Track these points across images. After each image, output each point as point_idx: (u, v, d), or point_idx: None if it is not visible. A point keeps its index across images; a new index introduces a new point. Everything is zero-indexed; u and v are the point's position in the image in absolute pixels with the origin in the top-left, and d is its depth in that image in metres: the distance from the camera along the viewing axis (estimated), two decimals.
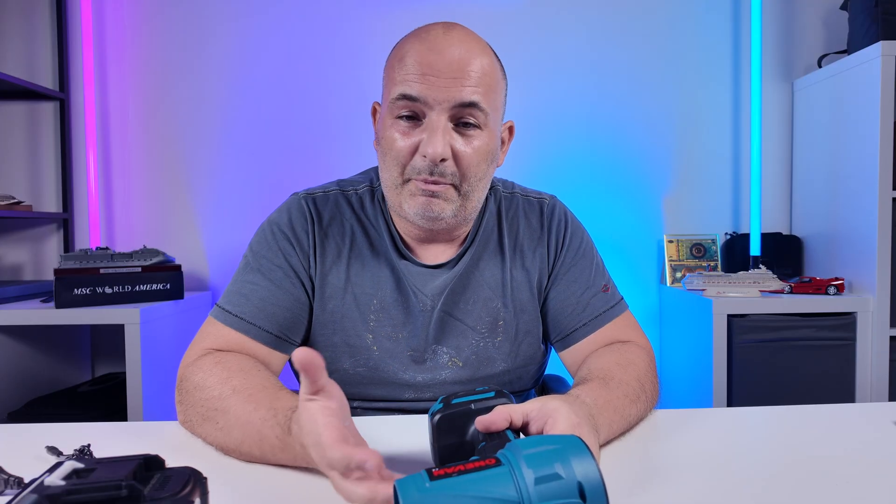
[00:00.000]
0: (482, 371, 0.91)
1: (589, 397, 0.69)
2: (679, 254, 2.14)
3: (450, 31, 0.82)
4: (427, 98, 0.79)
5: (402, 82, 0.80)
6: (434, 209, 0.83)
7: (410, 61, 0.80)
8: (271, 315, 0.85)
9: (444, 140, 0.79)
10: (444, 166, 0.81)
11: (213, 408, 0.70)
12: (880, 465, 0.65)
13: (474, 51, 0.81)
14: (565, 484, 0.43)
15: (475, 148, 0.82)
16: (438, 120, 0.79)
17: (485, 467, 0.45)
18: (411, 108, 0.81)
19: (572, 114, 2.17)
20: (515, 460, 0.44)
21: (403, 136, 0.81)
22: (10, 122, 2.12)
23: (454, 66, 0.79)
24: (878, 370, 1.78)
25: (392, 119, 0.82)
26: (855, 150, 1.85)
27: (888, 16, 1.79)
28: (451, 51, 0.79)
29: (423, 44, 0.81)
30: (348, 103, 2.13)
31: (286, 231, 0.90)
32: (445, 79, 0.79)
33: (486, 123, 0.83)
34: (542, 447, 0.45)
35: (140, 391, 1.65)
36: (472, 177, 0.83)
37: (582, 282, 0.94)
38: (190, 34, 2.12)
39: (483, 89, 0.81)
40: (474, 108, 0.80)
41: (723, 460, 0.67)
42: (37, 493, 0.41)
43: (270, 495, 0.59)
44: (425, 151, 0.79)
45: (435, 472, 0.44)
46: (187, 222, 2.15)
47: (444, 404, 0.60)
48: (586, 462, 0.44)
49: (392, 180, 0.84)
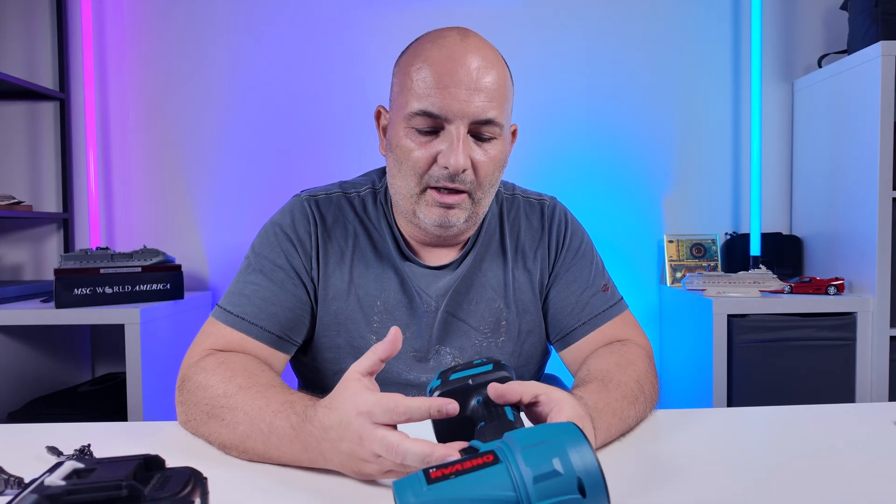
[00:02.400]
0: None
1: (590, 400, 0.69)
2: (679, 254, 2.14)
3: (466, 39, 0.82)
4: (447, 113, 0.79)
5: (422, 96, 0.80)
6: (451, 219, 0.84)
7: (427, 73, 0.80)
8: (273, 315, 0.85)
9: (465, 153, 0.80)
10: (463, 176, 0.81)
11: (220, 405, 0.70)
12: (880, 465, 0.65)
13: (490, 61, 0.82)
14: (564, 480, 0.43)
15: (491, 157, 0.83)
16: (458, 132, 0.80)
17: (482, 465, 0.44)
18: (431, 125, 0.81)
19: (572, 114, 2.17)
20: (513, 457, 0.44)
21: (421, 146, 0.81)
22: (10, 122, 2.12)
23: (472, 77, 0.79)
24: (878, 370, 1.78)
25: (407, 128, 0.82)
26: (855, 150, 1.85)
27: (888, 16, 1.79)
28: (468, 60, 0.80)
29: (440, 51, 0.80)
30: (349, 104, 2.13)
31: (289, 232, 0.90)
32: (464, 90, 0.79)
33: (501, 134, 0.84)
34: (540, 441, 0.45)
35: (140, 391, 1.65)
36: (487, 184, 0.85)
37: (581, 281, 0.95)
38: (190, 34, 2.12)
39: (498, 102, 0.81)
40: (492, 124, 0.81)
41: (723, 460, 0.67)
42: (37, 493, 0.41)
43: (270, 495, 0.59)
44: (447, 163, 0.80)
45: (432, 473, 0.44)
46: (187, 222, 2.15)
47: (441, 380, 0.60)
48: (584, 453, 0.44)
49: (409, 189, 0.84)
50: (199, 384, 0.74)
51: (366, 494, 0.58)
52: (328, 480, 0.61)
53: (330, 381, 0.91)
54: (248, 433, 0.66)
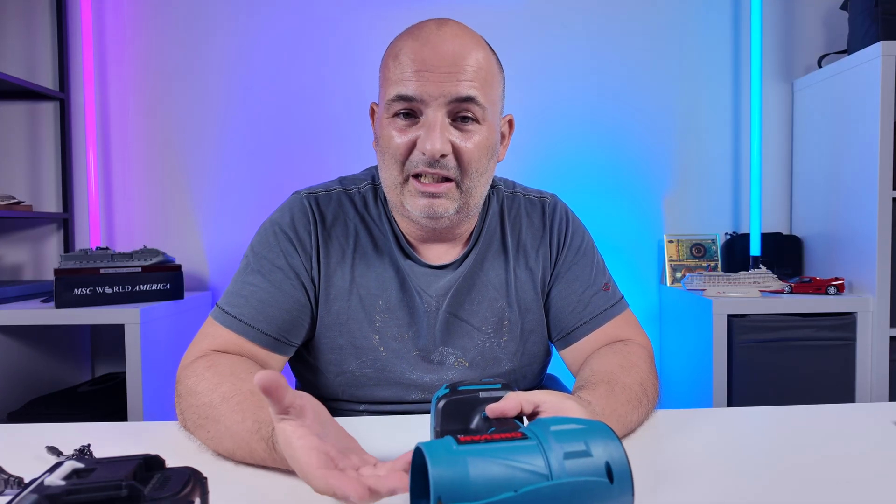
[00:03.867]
0: (489, 371, 0.91)
1: (598, 405, 0.68)
2: (679, 254, 2.14)
3: (443, 27, 0.81)
4: (423, 95, 0.78)
5: (398, 82, 0.80)
6: (437, 209, 0.82)
7: (405, 59, 0.80)
8: (270, 317, 0.84)
9: (442, 136, 0.79)
10: (444, 161, 0.80)
11: (204, 416, 0.69)
12: (880, 465, 0.65)
13: (468, 45, 0.81)
14: (594, 462, 0.42)
15: (475, 143, 0.81)
16: (436, 116, 0.79)
17: (512, 439, 0.44)
18: (408, 108, 0.80)
19: (572, 114, 2.16)
20: (544, 435, 0.44)
21: (400, 133, 0.81)
22: (10, 122, 2.12)
23: (448, 61, 0.78)
24: (878, 370, 1.78)
25: (389, 118, 0.82)
26: (855, 150, 1.85)
27: (888, 16, 1.79)
28: (444, 46, 0.79)
29: (416, 41, 0.80)
30: (347, 103, 2.13)
31: (288, 232, 0.89)
32: (440, 73, 0.78)
33: (485, 118, 0.82)
34: (570, 425, 0.45)
35: (140, 391, 1.65)
36: (474, 172, 0.83)
37: (583, 280, 0.94)
38: (190, 34, 2.12)
39: (479, 83, 0.80)
40: (471, 103, 0.80)
41: (723, 460, 0.67)
42: (37, 493, 0.41)
43: (270, 495, 0.59)
44: (424, 148, 0.79)
45: (461, 437, 0.43)
46: (187, 222, 2.15)
47: (450, 390, 0.59)
48: (613, 444, 0.44)
49: (392, 179, 0.84)
50: (188, 389, 0.74)
51: None
52: None
53: (331, 382, 0.90)
54: (234, 450, 0.65)
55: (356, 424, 0.80)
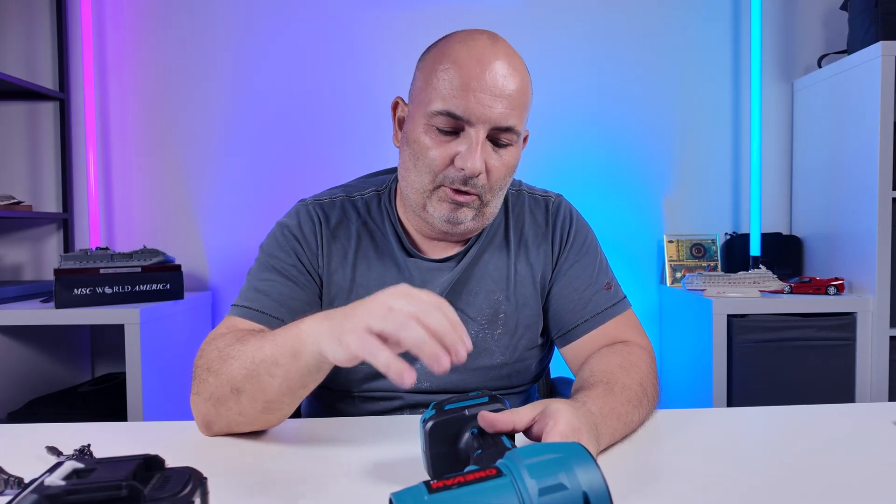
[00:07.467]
0: (480, 362, 0.91)
1: (595, 405, 0.68)
2: (679, 254, 2.14)
3: (496, 44, 0.83)
4: (470, 116, 0.80)
5: (446, 97, 0.80)
6: (458, 216, 0.85)
7: (455, 73, 0.80)
8: (292, 309, 0.86)
9: (482, 157, 0.81)
10: (476, 180, 0.82)
11: (229, 346, 0.74)
12: (880, 465, 0.65)
13: (517, 68, 0.83)
14: (570, 494, 0.41)
15: (504, 163, 0.85)
16: (478, 136, 0.81)
17: (485, 478, 0.43)
18: (452, 125, 0.81)
19: (572, 114, 2.16)
20: (517, 470, 0.43)
21: (439, 146, 0.82)
22: (10, 122, 2.12)
23: (498, 84, 0.80)
24: (878, 370, 1.78)
25: (427, 124, 0.83)
26: (855, 151, 1.85)
27: (888, 16, 1.79)
28: (496, 65, 0.80)
29: (469, 54, 0.81)
30: (349, 105, 2.13)
31: (295, 233, 0.92)
32: (490, 96, 0.80)
33: (517, 141, 0.86)
34: (544, 456, 0.44)
35: (140, 391, 1.65)
36: (497, 188, 0.86)
37: (585, 278, 0.95)
38: (190, 34, 2.12)
39: (519, 111, 0.83)
40: (510, 132, 0.83)
41: (723, 460, 0.67)
42: (37, 493, 0.41)
43: (270, 495, 0.59)
44: (464, 165, 0.81)
45: (433, 484, 0.42)
46: (187, 222, 2.15)
47: (436, 410, 0.58)
48: (590, 471, 0.43)
49: (422, 185, 0.85)
50: (208, 350, 0.76)
51: (366, 496, 0.58)
52: (329, 482, 0.62)
53: (332, 383, 0.91)
54: (255, 356, 0.69)
55: (354, 425, 0.80)
